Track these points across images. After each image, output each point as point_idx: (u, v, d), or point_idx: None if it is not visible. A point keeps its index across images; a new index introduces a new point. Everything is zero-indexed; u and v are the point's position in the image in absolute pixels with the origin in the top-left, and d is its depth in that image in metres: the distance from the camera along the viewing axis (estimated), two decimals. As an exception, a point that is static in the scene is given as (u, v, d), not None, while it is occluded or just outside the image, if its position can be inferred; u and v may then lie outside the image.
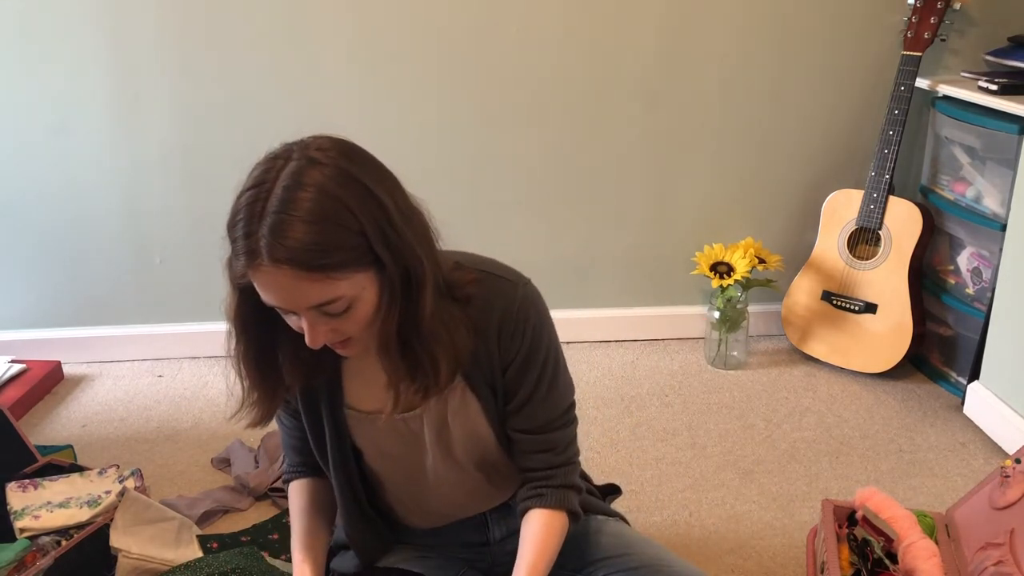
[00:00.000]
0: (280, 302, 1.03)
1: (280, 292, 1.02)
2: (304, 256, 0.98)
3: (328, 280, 1.00)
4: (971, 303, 2.28)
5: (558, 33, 2.39)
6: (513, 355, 1.19)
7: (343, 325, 1.06)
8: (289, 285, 1.00)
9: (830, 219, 2.48)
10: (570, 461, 1.28)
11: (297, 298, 1.02)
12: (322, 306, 1.03)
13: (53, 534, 1.66)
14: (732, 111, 2.50)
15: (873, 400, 2.35)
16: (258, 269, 1.01)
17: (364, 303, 1.05)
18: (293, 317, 1.07)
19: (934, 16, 2.29)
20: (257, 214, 1.00)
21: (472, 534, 1.37)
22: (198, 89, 2.39)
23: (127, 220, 2.51)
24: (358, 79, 2.40)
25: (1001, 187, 2.17)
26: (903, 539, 1.48)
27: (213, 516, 1.88)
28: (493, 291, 1.18)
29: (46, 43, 2.32)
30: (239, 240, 1.02)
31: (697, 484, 2.00)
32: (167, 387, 2.47)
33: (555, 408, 1.25)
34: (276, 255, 0.98)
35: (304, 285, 1.00)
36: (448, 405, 1.22)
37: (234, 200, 1.05)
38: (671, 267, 2.65)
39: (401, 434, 1.24)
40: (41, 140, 2.41)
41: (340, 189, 1.00)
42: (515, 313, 1.18)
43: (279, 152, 1.04)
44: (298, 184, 0.99)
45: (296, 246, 0.97)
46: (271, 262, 0.98)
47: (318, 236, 0.98)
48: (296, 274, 0.99)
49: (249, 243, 1.00)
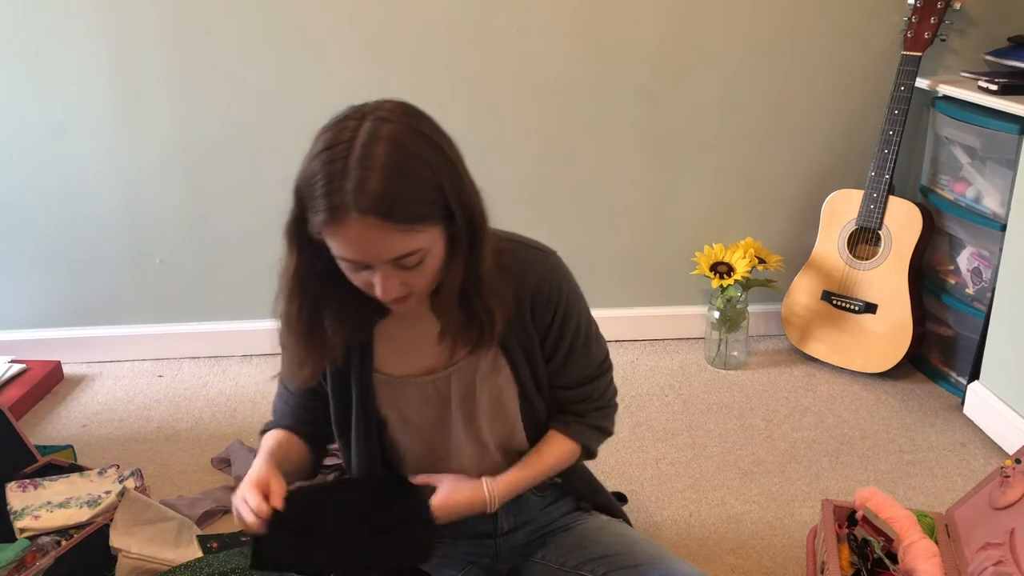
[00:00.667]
0: (360, 255, 1.06)
1: (363, 244, 1.04)
2: (392, 208, 1.02)
3: (411, 232, 1.04)
4: (971, 303, 2.28)
5: (559, 34, 2.39)
6: (548, 323, 1.26)
7: (413, 278, 1.10)
8: (374, 237, 1.03)
9: (830, 219, 2.48)
10: (607, 404, 1.38)
11: (380, 250, 1.05)
12: (400, 259, 1.06)
13: (53, 534, 1.66)
14: (732, 111, 2.50)
15: (873, 400, 2.35)
16: (343, 222, 1.03)
17: (434, 256, 1.10)
18: (363, 273, 1.09)
19: (934, 16, 2.29)
20: (339, 171, 1.02)
21: (480, 522, 1.37)
22: (198, 89, 2.39)
23: (127, 220, 2.51)
24: (359, 79, 2.39)
25: (1001, 187, 2.17)
26: (903, 539, 1.48)
27: (213, 516, 1.88)
28: (526, 260, 1.24)
29: (46, 43, 2.32)
30: (320, 197, 1.03)
31: (697, 484, 2.00)
32: (167, 387, 2.47)
33: (590, 364, 1.34)
34: (364, 207, 1.01)
35: (389, 237, 1.03)
36: (479, 368, 1.26)
37: (305, 163, 1.08)
38: (671, 267, 2.65)
39: (428, 397, 1.27)
40: (41, 140, 2.41)
41: (416, 145, 1.05)
42: (548, 283, 1.25)
43: (347, 114, 1.09)
44: (377, 141, 1.03)
45: (385, 199, 1.01)
46: (359, 214, 1.01)
47: (404, 189, 1.03)
48: (383, 225, 1.02)
49: (333, 198, 1.02)
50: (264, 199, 2.51)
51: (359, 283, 1.11)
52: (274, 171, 2.48)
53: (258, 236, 2.55)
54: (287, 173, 2.74)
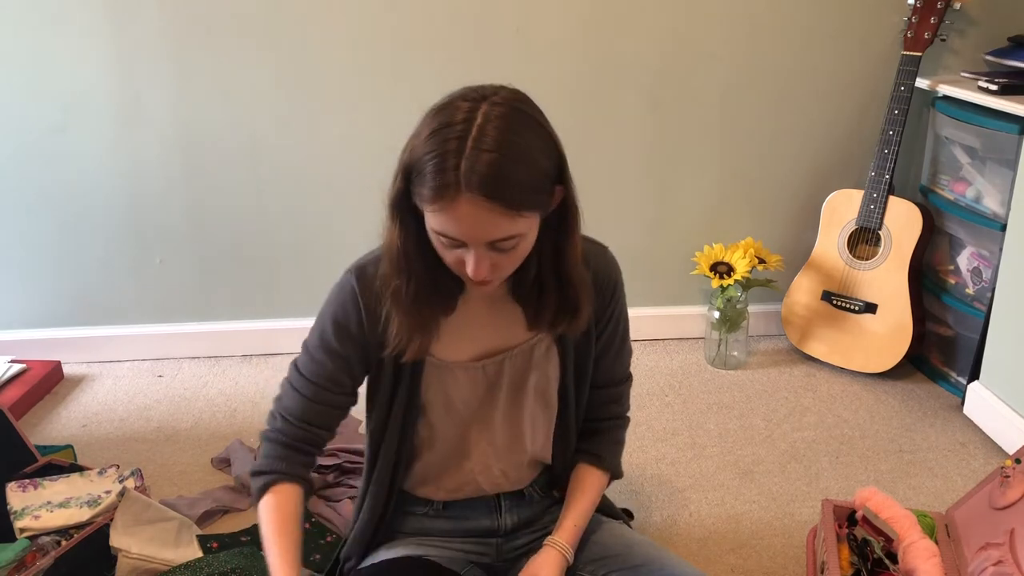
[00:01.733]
0: (462, 233, 1.07)
1: (469, 223, 1.06)
2: (503, 192, 1.04)
3: (516, 217, 1.07)
4: (971, 303, 2.28)
5: (559, 34, 2.39)
6: (606, 312, 1.32)
7: (504, 261, 1.12)
8: (482, 218, 1.05)
9: (830, 219, 2.48)
10: (625, 414, 1.44)
11: (484, 231, 1.07)
12: (498, 242, 1.08)
13: (53, 534, 1.66)
14: (732, 111, 2.50)
15: (873, 400, 2.35)
16: (453, 200, 1.04)
17: (528, 242, 1.13)
18: (457, 251, 1.11)
19: (934, 16, 2.29)
20: (454, 150, 1.04)
21: (483, 518, 1.38)
22: (199, 89, 2.39)
23: (127, 220, 2.51)
24: (359, 79, 2.39)
25: (1001, 187, 2.17)
26: (903, 539, 1.48)
27: (213, 516, 1.88)
28: (587, 251, 1.26)
29: (46, 43, 2.32)
30: (431, 173, 1.05)
31: (697, 484, 2.00)
32: (167, 387, 2.47)
33: (625, 364, 1.41)
34: (476, 187, 1.03)
35: (494, 219, 1.06)
36: (533, 355, 1.30)
37: (415, 139, 1.09)
38: (671, 267, 2.65)
39: (476, 382, 1.29)
40: (42, 140, 2.41)
41: (530, 133, 1.09)
42: (608, 274, 1.31)
43: (462, 95, 1.10)
44: (493, 124, 1.05)
45: (498, 182, 1.03)
46: (470, 194, 1.03)
47: (516, 174, 1.05)
48: (491, 208, 1.04)
49: (447, 176, 1.03)
50: (264, 199, 2.51)
51: (450, 260, 1.13)
52: (274, 171, 2.48)
53: (258, 236, 2.55)
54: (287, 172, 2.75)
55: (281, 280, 2.59)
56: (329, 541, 1.79)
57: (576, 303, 1.23)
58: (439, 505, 1.38)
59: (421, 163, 1.06)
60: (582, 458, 1.39)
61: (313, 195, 2.49)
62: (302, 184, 2.49)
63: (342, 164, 2.44)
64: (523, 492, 1.40)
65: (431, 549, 1.36)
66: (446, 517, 1.39)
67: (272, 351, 2.63)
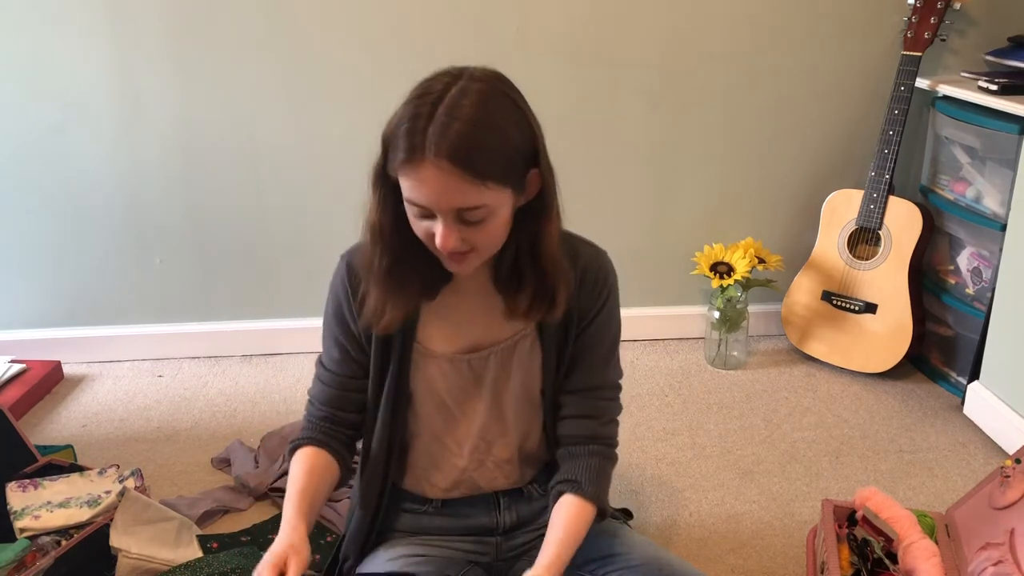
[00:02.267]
0: (427, 199, 1.09)
1: (433, 188, 1.08)
2: (468, 158, 1.06)
3: (479, 186, 1.08)
4: (971, 303, 2.28)
5: (559, 34, 2.39)
6: (590, 309, 1.30)
7: (474, 235, 1.13)
8: (444, 182, 1.07)
9: (830, 219, 2.48)
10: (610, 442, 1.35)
11: (447, 197, 1.08)
12: (464, 211, 1.10)
13: (53, 534, 1.66)
14: (732, 111, 2.50)
15: (873, 400, 2.35)
16: (419, 163, 1.07)
17: (498, 219, 1.13)
18: (426, 222, 1.13)
19: (934, 16, 2.29)
20: (426, 115, 1.07)
21: (482, 516, 1.38)
22: (199, 89, 2.39)
23: (127, 220, 2.51)
24: (358, 79, 2.39)
25: (1001, 187, 2.17)
26: (903, 539, 1.48)
27: (213, 516, 1.88)
28: (577, 249, 1.29)
29: (46, 43, 2.32)
30: (402, 137, 1.08)
31: (697, 484, 2.00)
32: (167, 387, 2.47)
33: (608, 378, 1.35)
34: (441, 151, 1.05)
35: (458, 185, 1.07)
36: (516, 352, 1.30)
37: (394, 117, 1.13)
38: (671, 267, 2.65)
39: (462, 375, 1.30)
40: (41, 140, 2.41)
41: (504, 109, 1.12)
42: (598, 269, 1.30)
43: (440, 73, 1.14)
44: (467, 95, 1.09)
45: (462, 148, 1.06)
46: (435, 157, 1.05)
47: (484, 143, 1.08)
48: (454, 172, 1.06)
49: (415, 139, 1.07)
50: (264, 199, 2.51)
51: (421, 232, 1.15)
52: (274, 171, 2.48)
53: (258, 236, 2.55)
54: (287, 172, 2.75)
55: (281, 280, 2.59)
56: (329, 541, 1.79)
57: (552, 292, 1.23)
58: (437, 503, 1.38)
59: (395, 131, 1.10)
60: (559, 487, 1.30)
61: (313, 195, 2.49)
62: (302, 184, 2.49)
63: (342, 164, 2.44)
64: (522, 490, 1.40)
65: (430, 548, 1.36)
66: (444, 515, 1.39)
67: (272, 351, 2.63)
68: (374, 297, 1.23)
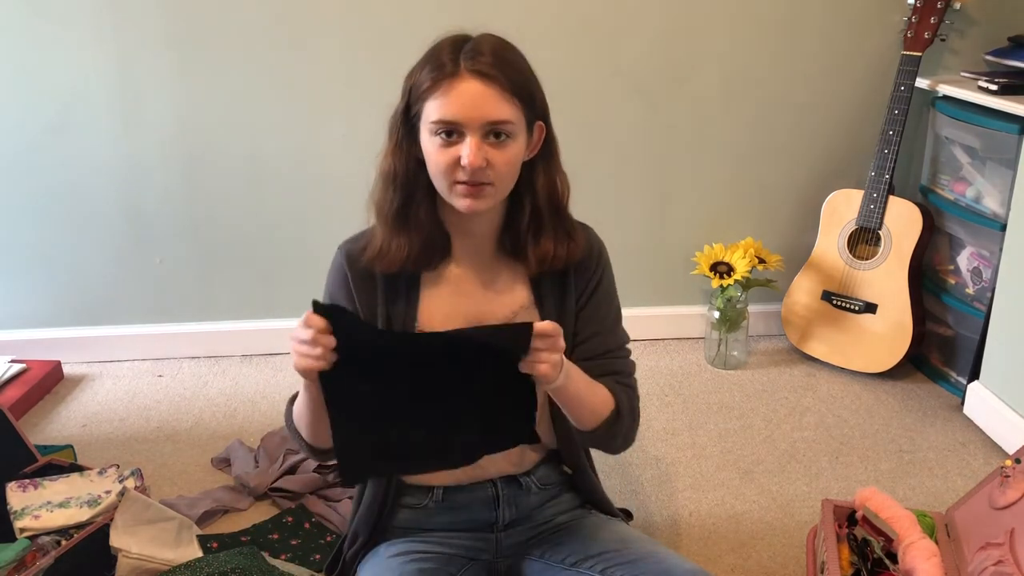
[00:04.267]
0: (460, 112, 1.16)
1: (469, 98, 1.15)
2: (504, 71, 1.17)
3: (510, 99, 1.17)
4: (971, 303, 2.28)
5: (558, 34, 2.39)
6: (587, 285, 1.35)
7: (497, 158, 1.18)
8: (479, 92, 1.16)
9: (830, 219, 2.48)
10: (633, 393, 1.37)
11: (483, 108, 1.16)
12: (495, 124, 1.17)
13: (53, 534, 1.66)
14: (732, 111, 2.50)
15: (873, 400, 2.35)
16: (453, 78, 1.16)
17: (518, 145, 1.21)
18: (452, 148, 1.17)
19: (934, 16, 2.29)
20: (452, 48, 1.19)
21: (481, 511, 1.39)
22: (199, 89, 2.39)
23: (127, 220, 2.51)
24: (358, 78, 2.39)
25: (1001, 187, 2.17)
26: (903, 539, 1.48)
27: (213, 516, 1.88)
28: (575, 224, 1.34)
29: (46, 42, 2.32)
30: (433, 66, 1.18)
31: (697, 484, 2.00)
32: (167, 387, 2.47)
33: (617, 341, 1.39)
34: (478, 63, 1.16)
35: (494, 96, 1.16)
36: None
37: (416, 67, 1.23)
38: (671, 267, 2.65)
39: None
40: (41, 140, 2.41)
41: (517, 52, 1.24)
42: (592, 248, 1.35)
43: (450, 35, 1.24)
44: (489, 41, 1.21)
45: (495, 61, 1.17)
46: (472, 70, 1.16)
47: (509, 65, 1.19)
48: (492, 83, 1.16)
49: (447, 62, 1.17)
50: (264, 199, 2.51)
51: (444, 162, 1.18)
52: (274, 171, 2.48)
53: (258, 236, 2.55)
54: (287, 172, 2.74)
55: (281, 280, 2.59)
56: (329, 541, 1.79)
57: (570, 231, 1.30)
58: (439, 494, 1.38)
59: (420, 75, 1.19)
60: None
61: (313, 195, 2.49)
62: (302, 184, 2.49)
63: (342, 164, 2.44)
64: (521, 483, 1.40)
65: (430, 545, 1.36)
66: (445, 509, 1.39)
67: (272, 351, 2.63)
68: (381, 237, 1.26)
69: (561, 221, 1.29)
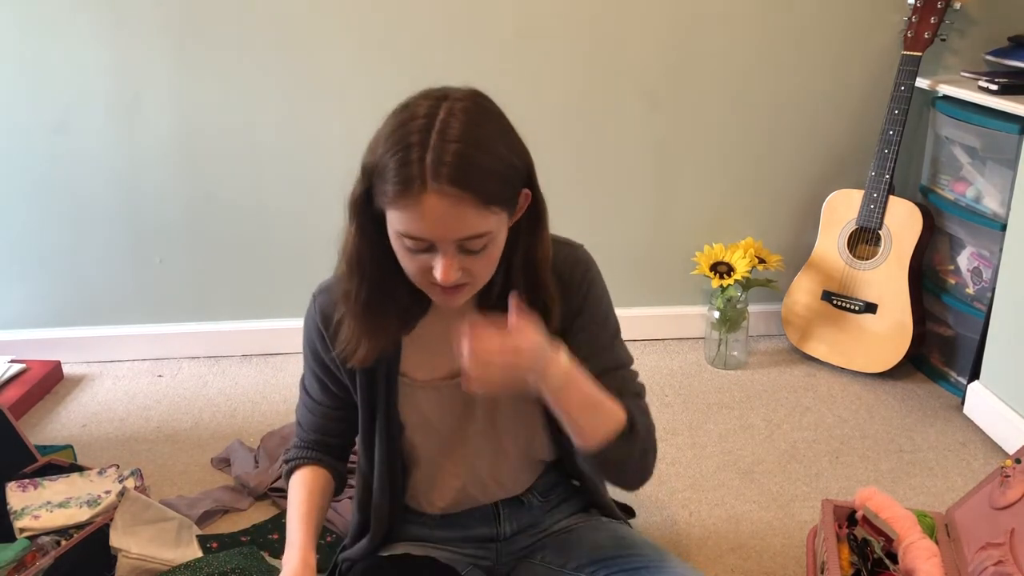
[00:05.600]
0: (430, 231, 1.03)
1: (437, 218, 1.01)
2: (473, 181, 1.00)
3: (484, 211, 1.03)
4: (971, 303, 2.28)
5: (560, 35, 2.39)
6: (574, 304, 1.24)
7: (474, 264, 1.08)
8: (451, 211, 1.01)
9: (830, 219, 2.48)
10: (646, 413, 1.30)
11: (453, 226, 1.02)
12: (468, 240, 1.04)
13: (53, 534, 1.66)
14: (732, 111, 2.50)
15: (873, 400, 2.35)
16: (420, 195, 1.00)
17: (496, 245, 1.09)
18: (423, 256, 1.06)
19: (934, 16, 2.29)
20: (418, 143, 1.01)
21: (482, 527, 1.38)
22: (199, 89, 2.39)
23: (127, 220, 2.51)
24: (358, 79, 2.39)
25: (1001, 187, 2.16)
26: (903, 539, 1.48)
27: (213, 516, 1.88)
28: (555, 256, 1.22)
29: (45, 42, 2.32)
30: (395, 168, 1.01)
31: (697, 484, 2.00)
32: (167, 387, 2.47)
33: (616, 360, 1.28)
34: (444, 178, 0.99)
35: (465, 213, 1.01)
36: None
37: (377, 140, 1.07)
38: (671, 267, 2.65)
39: (450, 401, 1.26)
40: (41, 139, 2.41)
41: (492, 126, 1.07)
42: (573, 264, 1.25)
43: (419, 97, 1.07)
44: (455, 117, 1.02)
45: (466, 171, 1.00)
46: (437, 185, 0.99)
47: (484, 163, 1.02)
48: (461, 198, 1.00)
49: (411, 169, 1.00)
50: (264, 199, 2.51)
51: (414, 268, 1.08)
52: (274, 170, 2.48)
53: (258, 236, 2.55)
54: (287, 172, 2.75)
55: (281, 280, 2.59)
56: (329, 541, 1.79)
57: (545, 302, 1.18)
58: (436, 516, 1.37)
59: (383, 161, 1.03)
60: None
61: (313, 194, 2.49)
62: (302, 184, 2.49)
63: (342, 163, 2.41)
64: (522, 500, 1.38)
65: (432, 551, 1.36)
66: (444, 527, 1.38)
67: (272, 351, 2.63)
68: (349, 329, 1.19)
69: (536, 290, 1.17)
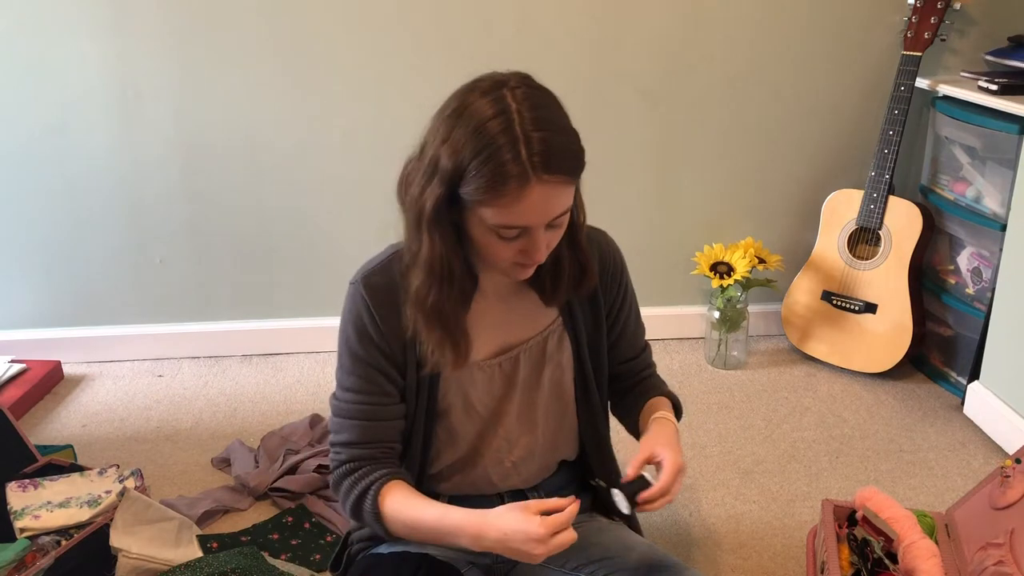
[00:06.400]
0: (533, 218, 1.08)
1: (541, 206, 1.07)
2: (567, 162, 1.08)
3: (572, 187, 1.11)
4: (971, 303, 2.28)
5: (559, 33, 2.39)
6: (615, 295, 1.37)
7: (554, 237, 1.15)
8: (551, 197, 1.07)
9: (830, 219, 2.48)
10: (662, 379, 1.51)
11: (552, 209, 1.09)
12: (557, 217, 1.11)
13: (53, 534, 1.66)
14: (732, 111, 2.50)
15: (873, 400, 2.35)
16: (526, 187, 1.05)
17: (568, 214, 1.15)
18: (517, 242, 1.11)
19: (934, 16, 2.29)
20: (507, 142, 1.04)
21: None
22: (198, 89, 2.39)
23: (127, 220, 2.51)
24: (358, 78, 2.39)
25: (1001, 187, 2.17)
26: (903, 539, 1.48)
27: (213, 516, 1.88)
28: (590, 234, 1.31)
29: (46, 42, 2.32)
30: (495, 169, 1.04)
31: (697, 484, 2.00)
32: (167, 387, 2.47)
33: (642, 336, 1.48)
34: (544, 168, 1.04)
35: (562, 194, 1.09)
36: (547, 347, 1.32)
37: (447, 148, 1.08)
38: (671, 267, 2.65)
39: (494, 379, 1.31)
40: (41, 140, 2.41)
41: (554, 104, 1.11)
42: (613, 255, 1.36)
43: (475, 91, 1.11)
44: (526, 106, 1.06)
45: (558, 153, 1.06)
46: (542, 174, 1.05)
47: (570, 142, 1.09)
48: (561, 183, 1.07)
49: (510, 168, 1.04)
50: (264, 199, 2.51)
51: (508, 254, 1.13)
52: (274, 171, 2.48)
53: (258, 236, 2.55)
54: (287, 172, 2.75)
55: (281, 280, 2.59)
56: (329, 541, 1.79)
57: (585, 264, 1.26)
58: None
59: (471, 165, 1.05)
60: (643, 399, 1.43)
61: (313, 195, 2.49)
62: (302, 184, 2.49)
63: (343, 163, 2.44)
64: (527, 496, 1.39)
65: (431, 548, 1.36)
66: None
67: (272, 351, 2.63)
68: (443, 340, 1.20)
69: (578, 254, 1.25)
